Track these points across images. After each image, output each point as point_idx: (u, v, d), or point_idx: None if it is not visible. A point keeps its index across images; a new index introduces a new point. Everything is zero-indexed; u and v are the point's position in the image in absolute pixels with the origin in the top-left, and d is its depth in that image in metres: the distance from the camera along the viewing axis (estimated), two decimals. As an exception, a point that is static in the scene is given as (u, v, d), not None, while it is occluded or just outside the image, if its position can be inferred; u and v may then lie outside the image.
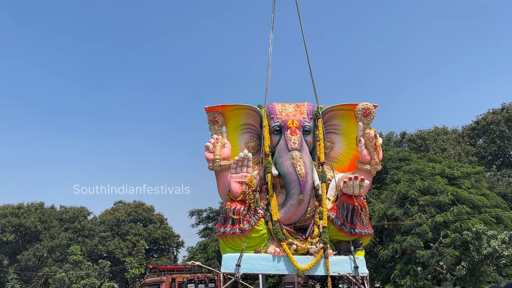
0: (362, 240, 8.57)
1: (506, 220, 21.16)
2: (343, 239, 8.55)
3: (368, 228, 8.56)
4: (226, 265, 8.64)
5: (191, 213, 35.14)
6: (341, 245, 8.55)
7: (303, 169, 8.34)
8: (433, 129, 33.92)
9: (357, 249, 8.43)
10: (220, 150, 9.31)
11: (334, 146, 9.62)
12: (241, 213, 8.58)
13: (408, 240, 19.94)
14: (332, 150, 9.57)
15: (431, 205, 21.33)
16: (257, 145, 9.50)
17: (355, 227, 8.37)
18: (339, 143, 9.64)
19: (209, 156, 9.27)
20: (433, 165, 23.83)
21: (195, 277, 14.35)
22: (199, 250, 31.25)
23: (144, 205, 49.06)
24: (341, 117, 9.56)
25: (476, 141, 33.62)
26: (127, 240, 44.98)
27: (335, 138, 9.68)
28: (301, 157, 8.55)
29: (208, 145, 9.37)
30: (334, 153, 9.58)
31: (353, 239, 8.41)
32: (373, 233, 8.73)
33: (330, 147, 9.58)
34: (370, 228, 8.64)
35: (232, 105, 9.77)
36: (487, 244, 17.93)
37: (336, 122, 9.64)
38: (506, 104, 32.34)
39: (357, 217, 8.35)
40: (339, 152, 9.63)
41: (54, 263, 43.34)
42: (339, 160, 9.60)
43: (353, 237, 8.42)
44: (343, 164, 9.55)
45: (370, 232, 8.58)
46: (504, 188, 26.49)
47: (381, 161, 8.86)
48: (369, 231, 8.55)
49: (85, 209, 49.42)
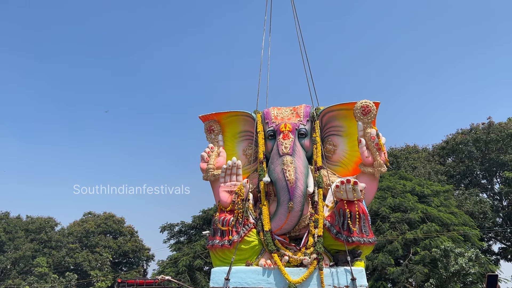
0: (361, 249, 7.80)
1: (473, 238, 21.71)
2: (341, 249, 7.82)
3: (369, 236, 7.74)
4: (214, 279, 8.07)
5: (162, 228, 34.64)
6: (338, 255, 7.86)
7: (293, 175, 7.89)
8: (404, 147, 34.66)
9: (355, 260, 7.70)
10: (215, 160, 9.03)
11: (336, 149, 9.02)
12: (230, 224, 8.12)
13: (380, 258, 20.17)
14: (334, 153, 9.00)
15: (401, 222, 21.69)
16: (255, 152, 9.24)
17: (352, 235, 7.61)
18: (342, 146, 9.01)
19: (203, 166, 9.02)
20: (404, 182, 24.31)
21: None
22: (169, 264, 30.74)
23: (114, 217, 48.06)
24: (342, 117, 8.98)
25: (445, 160, 34.51)
26: (96, 252, 43.85)
27: (337, 141, 9.06)
28: (292, 162, 8.10)
29: (202, 155, 9.15)
30: (337, 157, 9.00)
31: (351, 248, 7.70)
32: (374, 241, 7.94)
33: (333, 150, 9.01)
34: (371, 236, 7.82)
35: (226, 112, 9.55)
36: (454, 261, 18.32)
37: (338, 123, 9.07)
38: (474, 124, 33.38)
39: (354, 224, 7.61)
40: (343, 155, 8.99)
41: (18, 276, 41.80)
42: (342, 163, 8.97)
43: (351, 246, 7.69)
44: (347, 168, 8.89)
45: (371, 241, 7.74)
46: (471, 207, 27.19)
47: (386, 161, 8.20)
48: (369, 239, 7.69)
49: (53, 220, 48.06)
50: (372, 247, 8.14)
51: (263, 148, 8.93)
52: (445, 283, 18.96)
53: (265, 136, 9.03)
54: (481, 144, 31.84)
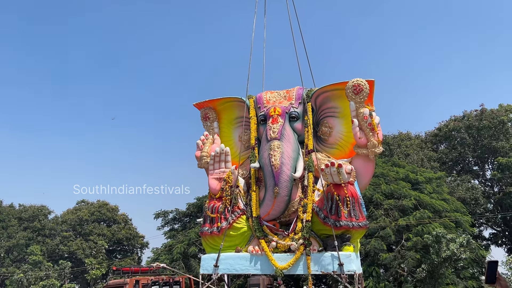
0: (351, 233, 7.54)
1: (465, 224, 21.97)
2: (330, 233, 7.53)
3: (359, 220, 7.40)
4: (204, 266, 8.12)
5: (156, 215, 34.60)
6: (328, 240, 7.63)
7: (278, 160, 7.74)
8: (397, 135, 34.81)
9: (344, 244, 7.47)
10: (209, 147, 8.94)
11: (332, 131, 8.64)
12: (218, 211, 8.14)
13: (372, 243, 20.37)
14: (330, 135, 8.64)
15: (394, 209, 21.87)
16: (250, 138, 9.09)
17: (340, 219, 7.32)
18: (338, 127, 8.60)
19: (198, 153, 8.98)
20: (397, 169, 24.45)
21: (160, 279, 14.14)
22: (164, 252, 30.82)
23: (108, 205, 48.03)
24: (337, 98, 8.58)
25: (438, 147, 34.73)
26: (90, 240, 43.87)
27: (333, 122, 8.67)
28: (279, 146, 7.93)
29: (197, 143, 9.06)
30: (333, 139, 8.62)
31: (339, 233, 7.46)
32: (365, 225, 7.58)
33: (329, 132, 8.65)
34: (361, 219, 7.44)
35: (221, 99, 9.40)
36: (446, 247, 18.53)
37: (333, 104, 8.69)
38: (467, 111, 33.55)
39: (343, 208, 7.32)
40: (339, 137, 8.58)
41: (12, 264, 41.78)
42: (339, 145, 8.56)
43: (339, 231, 7.43)
44: (344, 150, 8.48)
45: (361, 224, 7.44)
46: (463, 193, 27.47)
47: (381, 142, 7.75)
48: (359, 223, 7.41)
49: (46, 208, 47.95)
50: (364, 231, 7.85)
51: (255, 133, 8.82)
52: (436, 268, 19.20)
53: (257, 121, 8.90)
54: (474, 130, 32.06)
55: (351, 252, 7.49)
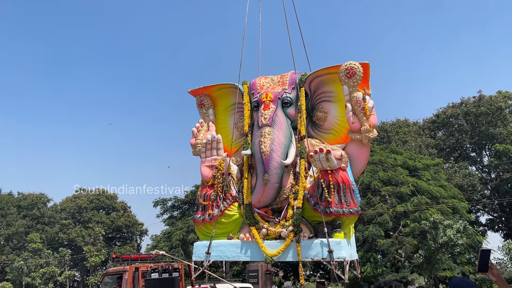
0: (341, 220, 7.43)
1: (461, 210, 22.15)
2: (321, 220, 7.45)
3: (350, 206, 7.31)
4: (197, 253, 8.20)
5: (155, 203, 34.73)
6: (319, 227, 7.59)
7: (268, 146, 7.69)
8: (395, 122, 34.82)
9: (334, 231, 7.42)
10: (204, 134, 8.82)
11: (327, 116, 8.52)
12: (210, 198, 8.14)
13: (370, 229, 20.53)
14: (326, 120, 8.53)
15: (392, 196, 22.00)
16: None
17: (330, 205, 7.25)
18: (334, 112, 8.48)
19: (192, 141, 8.96)
20: (395, 156, 24.52)
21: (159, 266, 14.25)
22: (163, 239, 31.02)
23: (106, 193, 48.14)
24: (331, 82, 8.42)
25: (435, 133, 34.77)
26: (89, 228, 44.08)
27: (328, 107, 8.54)
28: (270, 133, 7.86)
29: (193, 130, 9.06)
30: (328, 124, 8.51)
31: (330, 220, 7.40)
32: (357, 211, 7.44)
33: (324, 117, 8.53)
34: (353, 205, 7.36)
35: (215, 85, 9.27)
36: (443, 233, 18.70)
37: (328, 89, 8.56)
38: (465, 98, 33.52)
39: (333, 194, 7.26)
40: (334, 121, 8.47)
41: (12, 251, 42.01)
42: (335, 131, 8.45)
43: (330, 217, 7.36)
44: (339, 135, 8.37)
45: (352, 211, 7.32)
46: (460, 180, 27.61)
47: (374, 127, 7.59)
48: (350, 209, 7.29)
49: (45, 196, 48.04)
50: (355, 217, 7.68)
51: (248, 120, 8.70)
52: (433, 254, 19.40)
53: (251, 107, 8.75)
54: (471, 117, 32.08)
55: (342, 239, 7.43)
